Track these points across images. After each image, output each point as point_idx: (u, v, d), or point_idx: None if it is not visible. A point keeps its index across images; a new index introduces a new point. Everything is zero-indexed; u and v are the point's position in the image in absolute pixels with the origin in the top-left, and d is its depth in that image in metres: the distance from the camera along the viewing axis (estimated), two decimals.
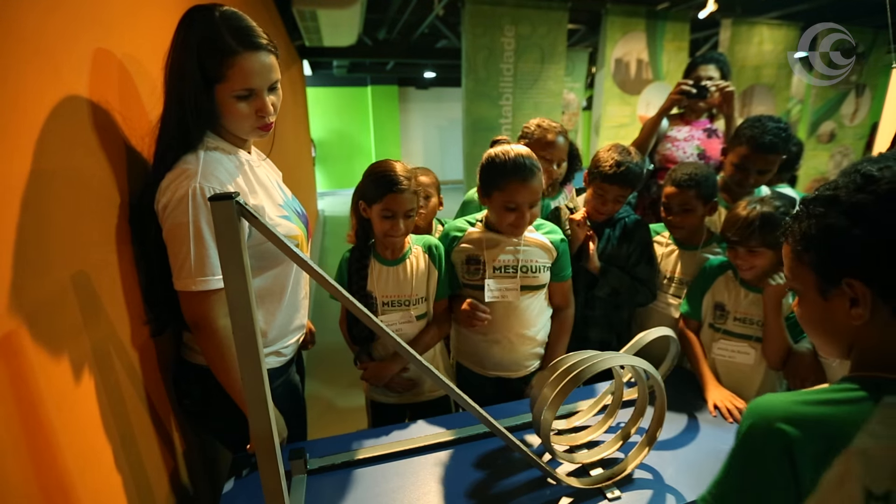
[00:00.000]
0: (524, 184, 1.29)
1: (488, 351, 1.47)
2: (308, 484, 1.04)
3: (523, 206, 1.31)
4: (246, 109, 0.97)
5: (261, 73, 0.96)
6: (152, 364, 1.04)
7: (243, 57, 0.93)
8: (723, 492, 0.68)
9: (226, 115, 0.98)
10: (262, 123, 1.01)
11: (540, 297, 1.45)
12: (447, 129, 10.50)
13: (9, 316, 0.62)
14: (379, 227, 1.33)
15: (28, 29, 0.69)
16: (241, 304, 0.66)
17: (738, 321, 1.41)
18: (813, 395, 0.63)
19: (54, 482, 0.67)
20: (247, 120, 0.99)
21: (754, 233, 1.29)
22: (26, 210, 0.67)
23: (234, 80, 0.94)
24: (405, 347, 0.80)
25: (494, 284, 1.38)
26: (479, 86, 3.69)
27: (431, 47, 6.78)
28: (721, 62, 2.18)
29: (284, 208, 1.11)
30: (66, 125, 0.78)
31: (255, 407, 0.71)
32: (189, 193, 0.91)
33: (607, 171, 1.48)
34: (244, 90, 0.95)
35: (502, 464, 1.10)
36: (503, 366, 1.48)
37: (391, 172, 1.29)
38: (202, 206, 0.92)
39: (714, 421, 1.25)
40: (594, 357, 0.95)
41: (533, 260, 1.41)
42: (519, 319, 1.43)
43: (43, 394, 0.67)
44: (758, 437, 0.63)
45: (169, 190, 0.93)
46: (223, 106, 0.97)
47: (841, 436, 0.58)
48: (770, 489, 0.62)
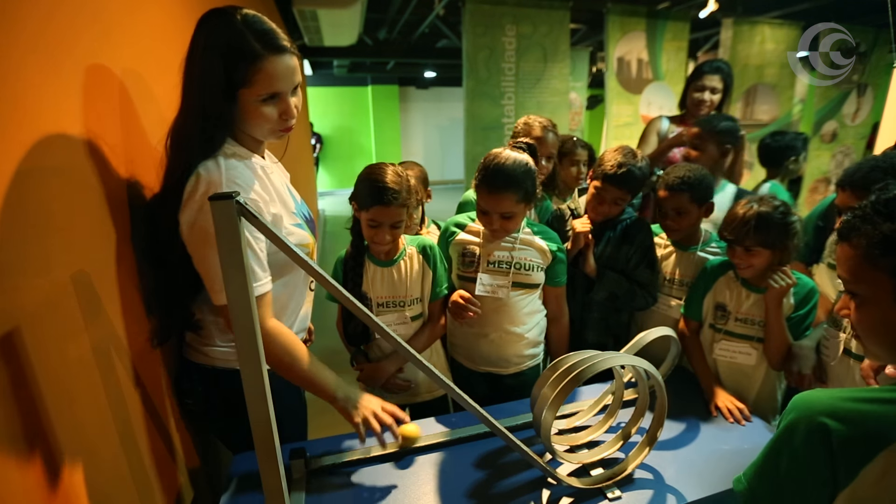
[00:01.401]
0: (490, 194, 1.32)
1: (477, 345, 1.48)
2: (308, 484, 1.04)
3: (492, 213, 1.33)
4: (271, 113, 0.96)
5: (285, 76, 0.94)
6: (152, 364, 1.04)
7: (269, 61, 0.91)
8: (760, 477, 0.70)
9: (249, 119, 0.96)
10: (285, 126, 1.00)
11: (533, 297, 1.46)
12: (448, 128, 10.50)
13: (9, 315, 0.62)
14: (366, 233, 1.34)
15: (28, 28, 0.69)
16: (241, 304, 0.66)
17: (740, 322, 1.41)
18: (859, 393, 0.64)
19: (54, 483, 0.67)
20: (270, 123, 0.97)
21: (750, 232, 1.29)
22: (26, 209, 0.67)
23: (260, 85, 0.92)
24: (406, 348, 0.80)
25: (487, 279, 1.39)
26: (481, 85, 3.69)
27: (432, 47, 6.78)
28: (725, 73, 2.24)
29: (297, 215, 1.10)
30: (66, 124, 0.78)
31: (255, 406, 0.71)
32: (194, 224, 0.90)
33: (608, 171, 1.48)
34: (269, 94, 0.94)
35: (502, 464, 1.10)
36: (492, 361, 1.49)
37: (381, 183, 1.27)
38: None
39: (715, 421, 1.25)
40: (595, 357, 0.95)
41: (527, 259, 1.41)
42: (508, 315, 1.43)
43: (43, 394, 0.67)
44: (800, 429, 0.64)
45: (195, 202, 0.91)
46: (246, 110, 0.95)
47: (886, 432, 0.59)
48: (807, 478, 0.64)
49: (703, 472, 1.06)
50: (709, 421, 1.25)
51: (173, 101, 0.97)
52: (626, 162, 1.46)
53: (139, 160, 1.05)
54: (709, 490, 1.01)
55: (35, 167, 0.69)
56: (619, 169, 1.46)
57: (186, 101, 0.95)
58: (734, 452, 1.12)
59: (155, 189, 1.13)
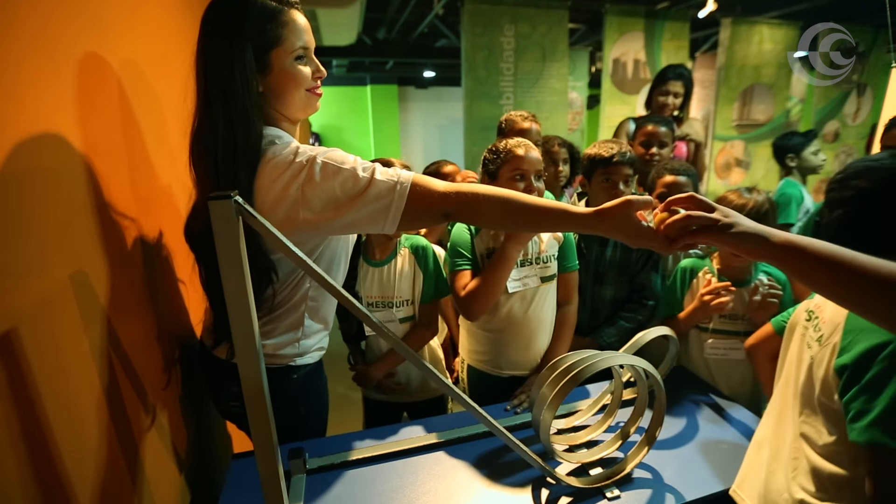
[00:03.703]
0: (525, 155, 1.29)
1: (507, 349, 1.45)
2: (307, 484, 1.04)
3: (528, 175, 1.30)
4: (305, 72, 0.94)
5: (307, 29, 0.94)
6: (152, 364, 1.04)
7: (292, 14, 0.91)
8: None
9: (285, 86, 0.93)
10: (317, 87, 0.98)
11: (552, 290, 1.44)
12: (447, 128, 10.49)
13: (8, 315, 0.62)
14: None
15: (28, 27, 0.69)
16: (241, 304, 0.66)
17: (723, 318, 1.42)
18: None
19: (53, 482, 0.67)
20: (306, 83, 0.95)
21: (765, 217, 1.33)
22: (26, 209, 0.67)
23: (292, 39, 0.91)
24: (402, 346, 0.80)
25: (515, 274, 1.36)
26: (480, 85, 3.69)
27: (431, 47, 6.78)
28: (686, 78, 2.49)
29: None
30: (66, 122, 0.78)
31: (254, 406, 0.71)
32: (316, 160, 0.85)
33: (605, 156, 1.50)
34: (302, 48, 0.93)
35: (502, 463, 1.10)
36: (518, 364, 1.45)
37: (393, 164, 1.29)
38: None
39: (713, 420, 1.25)
40: (593, 356, 0.95)
41: (544, 250, 1.41)
42: (536, 312, 1.41)
43: (42, 394, 0.67)
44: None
45: (281, 179, 0.85)
46: (282, 75, 0.92)
47: None
48: None
49: (701, 472, 1.06)
50: (707, 420, 1.25)
51: (173, 99, 0.97)
52: (615, 145, 1.51)
53: (139, 159, 1.05)
54: (707, 489, 1.01)
55: (35, 165, 0.69)
56: (613, 149, 1.49)
57: (210, 92, 0.88)
58: (733, 451, 1.12)
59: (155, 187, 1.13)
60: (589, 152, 1.57)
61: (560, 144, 2.08)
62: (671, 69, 2.50)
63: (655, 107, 2.51)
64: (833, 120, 5.01)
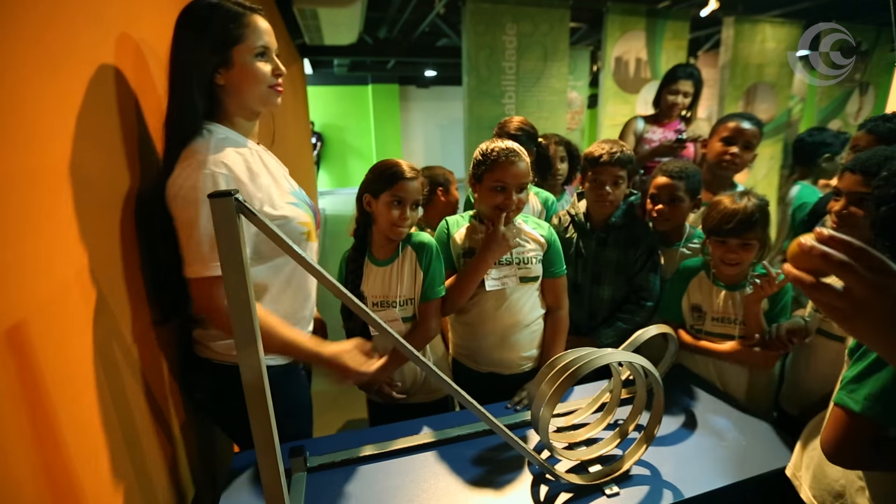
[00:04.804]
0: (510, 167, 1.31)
1: (480, 345, 1.47)
2: (308, 482, 1.05)
3: (510, 188, 1.32)
4: (265, 68, 1.04)
5: (268, 32, 1.05)
6: (156, 360, 1.05)
7: (254, 17, 1.02)
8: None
9: (244, 81, 1.02)
10: (277, 84, 1.07)
11: (532, 292, 1.45)
12: (448, 127, 10.50)
13: (13, 310, 0.62)
14: (386, 218, 1.33)
15: (29, 27, 0.69)
16: (241, 303, 0.67)
17: (716, 321, 1.41)
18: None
19: (59, 477, 0.68)
20: (266, 80, 1.04)
21: (755, 225, 1.30)
22: (30, 205, 0.67)
23: (252, 38, 1.01)
24: (404, 344, 0.81)
25: (495, 273, 1.39)
26: (481, 84, 3.69)
27: (432, 46, 6.77)
28: (696, 78, 2.43)
29: (294, 195, 1.12)
30: (67, 121, 0.79)
31: (254, 404, 0.72)
32: (200, 180, 0.94)
33: (595, 156, 1.52)
34: (262, 47, 1.03)
35: (501, 461, 1.10)
36: (495, 361, 1.47)
37: (400, 164, 1.34)
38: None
39: (712, 418, 1.25)
40: (592, 354, 0.95)
41: (525, 252, 1.42)
42: (510, 311, 1.42)
43: (48, 389, 0.67)
44: None
45: (180, 178, 0.95)
46: (242, 71, 1.01)
47: None
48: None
49: (700, 469, 1.06)
50: (706, 418, 1.25)
51: None
52: (611, 145, 1.52)
53: (143, 154, 1.06)
54: (706, 486, 1.01)
55: (37, 163, 0.70)
56: (603, 149, 1.51)
57: (172, 85, 1.00)
58: (731, 449, 1.13)
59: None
60: (585, 151, 1.58)
61: (557, 143, 2.08)
62: (681, 68, 2.43)
63: (664, 106, 2.46)
64: (835, 119, 4.99)
